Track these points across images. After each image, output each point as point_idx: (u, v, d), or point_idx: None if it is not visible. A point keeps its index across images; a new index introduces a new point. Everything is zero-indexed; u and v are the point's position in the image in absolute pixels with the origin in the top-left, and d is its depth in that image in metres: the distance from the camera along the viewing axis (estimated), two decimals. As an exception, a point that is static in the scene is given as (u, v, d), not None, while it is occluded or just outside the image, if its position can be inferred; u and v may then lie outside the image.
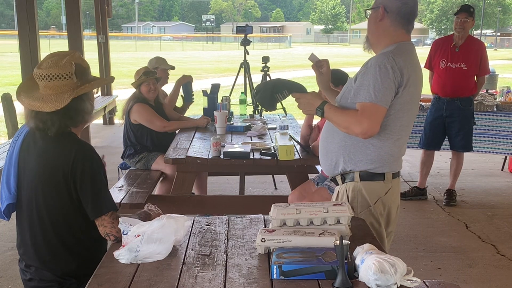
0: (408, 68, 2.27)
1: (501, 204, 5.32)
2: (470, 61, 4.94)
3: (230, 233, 2.14)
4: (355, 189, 2.38)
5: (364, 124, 2.20)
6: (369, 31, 2.43)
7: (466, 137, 5.14)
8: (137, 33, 65.71)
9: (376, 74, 2.21)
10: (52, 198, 2.04)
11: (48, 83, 2.00)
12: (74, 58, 2.05)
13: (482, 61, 4.99)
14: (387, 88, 2.21)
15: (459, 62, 4.94)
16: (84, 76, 2.06)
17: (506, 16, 59.35)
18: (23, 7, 5.99)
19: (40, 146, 2.05)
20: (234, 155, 3.65)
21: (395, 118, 2.30)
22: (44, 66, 2.02)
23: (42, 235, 2.07)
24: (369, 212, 2.37)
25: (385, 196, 2.39)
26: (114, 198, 3.60)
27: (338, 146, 2.39)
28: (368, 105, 2.21)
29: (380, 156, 2.34)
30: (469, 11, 4.97)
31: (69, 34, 8.01)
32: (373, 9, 2.38)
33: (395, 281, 1.60)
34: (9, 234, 4.24)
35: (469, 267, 3.85)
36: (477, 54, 4.98)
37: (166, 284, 1.70)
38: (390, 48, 2.30)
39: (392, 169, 2.39)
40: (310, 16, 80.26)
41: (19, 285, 2.35)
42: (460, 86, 4.97)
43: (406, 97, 2.28)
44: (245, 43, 6.69)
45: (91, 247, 2.15)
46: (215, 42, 55.87)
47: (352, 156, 2.35)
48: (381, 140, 2.31)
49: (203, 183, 4.77)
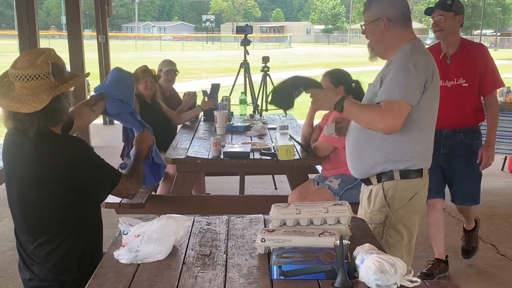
0: (430, 64, 2.29)
1: (501, 204, 5.32)
2: (469, 74, 3.48)
3: (230, 233, 2.14)
4: (395, 187, 2.35)
5: (388, 120, 2.19)
6: (376, 42, 2.40)
7: (474, 183, 3.65)
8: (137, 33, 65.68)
9: (399, 73, 2.21)
10: (45, 198, 2.03)
11: (25, 83, 1.97)
12: (49, 57, 2.02)
13: (485, 72, 3.50)
14: (411, 85, 2.20)
15: (456, 78, 3.47)
16: (61, 75, 2.03)
17: (506, 16, 59.34)
18: (23, 7, 5.99)
19: (24, 147, 2.03)
20: (234, 155, 3.65)
21: (427, 111, 2.31)
22: (20, 66, 1.99)
23: (40, 235, 2.07)
24: (405, 209, 2.37)
25: (420, 192, 2.40)
26: (114, 198, 3.58)
27: (373, 150, 2.35)
28: (391, 102, 2.19)
29: (417, 152, 2.33)
30: (445, 5, 3.41)
31: (69, 34, 8.00)
32: (373, 22, 2.35)
33: (395, 281, 1.60)
34: (9, 234, 4.24)
35: (469, 267, 3.85)
36: (476, 63, 3.48)
37: (166, 284, 1.70)
38: (407, 47, 2.29)
39: (428, 163, 2.41)
40: (310, 16, 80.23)
41: (19, 285, 2.35)
42: (462, 110, 3.49)
43: (433, 92, 2.30)
44: (245, 43, 6.70)
45: (91, 246, 2.15)
46: (215, 42, 55.85)
47: (391, 157, 2.33)
48: (417, 136, 2.31)
49: (200, 183, 4.77)
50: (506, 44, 53.77)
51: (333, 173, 3.65)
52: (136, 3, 71.58)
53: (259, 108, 6.99)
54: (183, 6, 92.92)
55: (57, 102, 2.00)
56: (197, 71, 21.90)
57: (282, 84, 2.54)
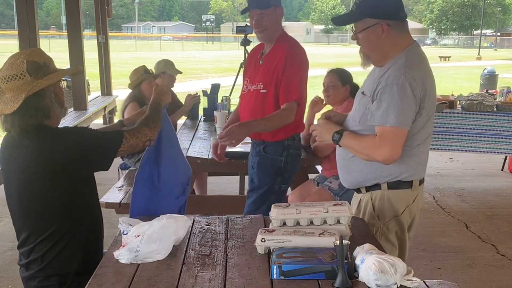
0: (426, 77, 2.18)
1: (501, 204, 5.32)
2: (268, 78, 2.94)
3: (230, 233, 2.14)
4: (382, 198, 2.29)
5: (385, 150, 2.12)
6: (373, 50, 2.25)
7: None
8: (137, 33, 65.72)
9: (395, 94, 2.09)
10: (45, 195, 2.03)
11: (7, 85, 2.00)
12: (27, 56, 2.03)
13: (282, 76, 2.89)
14: (407, 108, 2.10)
15: (257, 82, 2.99)
16: (39, 72, 2.02)
17: (506, 16, 59.33)
18: (23, 7, 5.98)
19: (23, 146, 2.03)
20: (234, 155, 3.64)
21: (421, 129, 2.21)
22: (3, 68, 2.03)
23: (40, 234, 2.07)
24: (396, 221, 2.31)
25: (412, 204, 2.32)
26: (114, 198, 3.63)
27: (362, 164, 2.27)
28: (387, 129, 2.11)
29: (410, 167, 2.25)
30: (262, 2, 2.89)
31: (69, 34, 8.01)
32: (369, 29, 2.20)
33: (395, 281, 1.60)
34: (9, 234, 4.24)
35: (469, 267, 3.85)
36: (276, 65, 2.92)
37: (166, 284, 1.70)
38: (401, 59, 2.17)
39: (420, 176, 2.33)
40: (310, 16, 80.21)
41: (19, 285, 2.35)
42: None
43: (429, 107, 2.20)
44: (245, 43, 6.67)
45: (91, 246, 2.16)
46: (215, 42, 55.87)
47: (380, 173, 2.26)
48: (409, 151, 2.21)
49: (203, 183, 4.77)
50: (506, 44, 53.75)
51: (333, 173, 3.65)
52: (136, 3, 71.58)
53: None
54: (183, 6, 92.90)
55: (35, 100, 2.00)
56: (197, 71, 21.90)
57: None
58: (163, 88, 2.56)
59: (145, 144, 2.21)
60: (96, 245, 2.22)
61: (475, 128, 5.31)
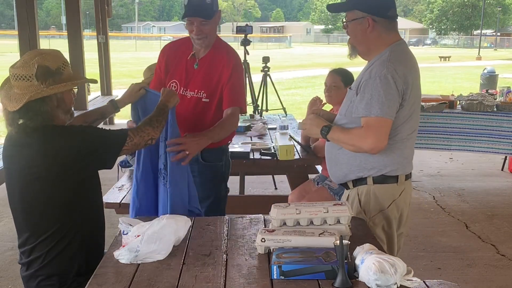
0: (409, 72, 2.24)
1: (501, 204, 5.32)
2: (212, 89, 2.83)
3: (230, 233, 2.14)
4: (368, 192, 2.34)
5: (370, 139, 2.17)
6: (358, 42, 2.35)
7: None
8: (137, 33, 65.67)
9: (378, 86, 2.17)
10: (47, 193, 2.03)
11: (15, 82, 2.00)
12: (41, 58, 2.01)
13: (227, 83, 2.81)
14: (391, 99, 2.16)
15: (196, 89, 2.85)
16: (48, 79, 2.00)
17: (506, 16, 59.31)
18: (23, 7, 5.99)
19: (26, 145, 2.03)
20: (234, 155, 3.64)
21: (405, 122, 2.27)
22: (16, 65, 2.03)
23: (42, 233, 2.07)
24: (383, 215, 2.34)
25: (399, 199, 2.35)
26: (114, 198, 3.62)
27: (348, 157, 2.34)
28: (372, 120, 2.17)
29: (393, 160, 2.30)
30: (205, 12, 2.85)
31: (69, 34, 8.02)
32: (356, 20, 2.28)
33: (395, 281, 1.60)
34: (9, 234, 4.24)
35: (469, 267, 3.85)
36: (221, 74, 2.83)
37: (166, 284, 1.70)
38: (385, 54, 2.24)
39: (405, 171, 2.36)
40: (310, 16, 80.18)
41: (19, 285, 2.35)
42: (200, 128, 2.77)
43: (412, 100, 2.25)
44: (245, 43, 6.69)
45: (91, 245, 2.16)
46: (215, 42, 55.72)
47: (364, 165, 2.31)
48: (392, 144, 2.26)
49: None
50: (506, 44, 53.72)
51: (333, 173, 3.65)
52: (136, 3, 71.55)
53: (259, 108, 7.00)
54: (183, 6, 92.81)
55: (38, 104, 1.99)
56: (197, 71, 21.84)
57: None
58: (172, 90, 2.57)
59: (147, 143, 2.22)
60: (98, 245, 2.22)
61: (475, 128, 5.31)
